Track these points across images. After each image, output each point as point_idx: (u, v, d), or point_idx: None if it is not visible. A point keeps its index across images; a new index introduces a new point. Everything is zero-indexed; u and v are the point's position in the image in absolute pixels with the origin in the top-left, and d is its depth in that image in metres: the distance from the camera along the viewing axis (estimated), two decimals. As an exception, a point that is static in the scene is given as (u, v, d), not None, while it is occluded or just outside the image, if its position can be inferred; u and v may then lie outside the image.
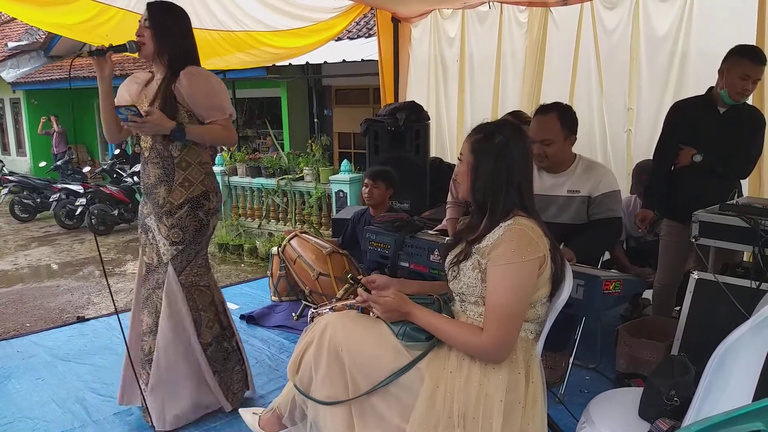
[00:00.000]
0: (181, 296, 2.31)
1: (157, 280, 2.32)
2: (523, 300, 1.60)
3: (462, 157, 1.75)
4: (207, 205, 2.32)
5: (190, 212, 2.27)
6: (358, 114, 8.49)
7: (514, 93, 4.47)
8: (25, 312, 5.73)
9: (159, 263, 2.31)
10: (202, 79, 2.24)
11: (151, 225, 2.33)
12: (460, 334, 1.62)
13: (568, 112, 2.67)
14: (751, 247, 2.22)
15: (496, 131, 1.70)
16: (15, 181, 10.45)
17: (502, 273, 1.58)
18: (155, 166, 2.28)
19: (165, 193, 2.26)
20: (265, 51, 4.50)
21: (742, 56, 2.67)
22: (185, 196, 2.26)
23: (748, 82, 2.68)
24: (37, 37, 14.95)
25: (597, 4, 3.95)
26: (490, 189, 1.67)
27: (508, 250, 1.58)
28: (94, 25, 3.49)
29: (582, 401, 2.08)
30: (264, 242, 7.89)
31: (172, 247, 2.27)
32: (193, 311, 2.34)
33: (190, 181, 2.27)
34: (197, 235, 2.31)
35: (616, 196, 2.68)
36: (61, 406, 2.61)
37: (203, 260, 2.38)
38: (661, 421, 1.58)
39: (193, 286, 2.33)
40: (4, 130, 17.16)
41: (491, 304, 1.59)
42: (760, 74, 2.72)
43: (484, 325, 1.60)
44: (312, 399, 1.72)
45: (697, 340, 2.23)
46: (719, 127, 2.79)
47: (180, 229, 2.27)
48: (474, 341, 1.59)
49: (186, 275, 2.31)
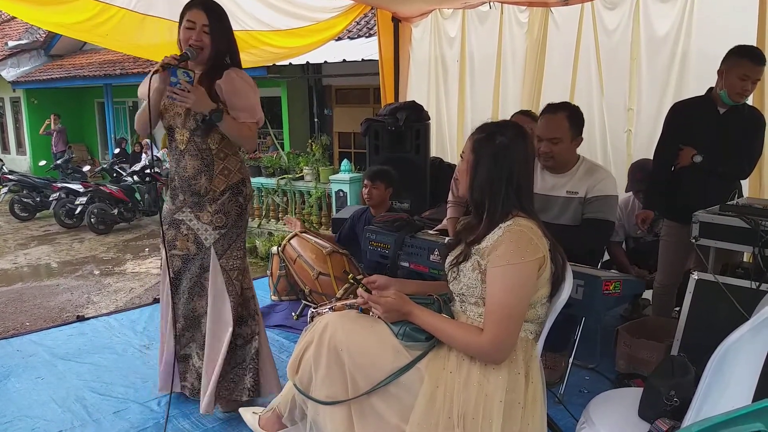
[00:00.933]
0: (221, 279, 2.40)
1: (202, 266, 2.41)
2: (522, 300, 1.60)
3: (464, 155, 1.77)
4: (245, 191, 2.44)
5: (231, 198, 2.39)
6: (358, 114, 8.50)
7: (514, 93, 4.47)
8: (25, 311, 5.74)
9: (199, 250, 2.40)
10: (244, 81, 2.31)
11: (183, 218, 2.40)
12: (460, 334, 1.62)
13: (576, 113, 2.67)
14: (751, 247, 2.22)
15: (498, 132, 1.70)
16: (15, 180, 10.46)
17: (501, 274, 1.58)
18: (194, 158, 2.34)
19: (206, 183, 2.35)
20: (266, 50, 4.49)
21: (742, 57, 2.67)
22: (226, 184, 2.37)
23: (748, 83, 2.68)
24: (38, 36, 14.96)
25: (597, 5, 3.95)
26: (488, 188, 1.67)
27: (507, 251, 1.58)
28: (94, 25, 3.48)
29: (582, 401, 2.09)
30: (264, 241, 7.90)
31: (215, 232, 2.37)
32: (230, 294, 2.40)
33: (228, 170, 2.38)
34: (238, 219, 2.43)
35: (611, 201, 2.66)
36: (61, 405, 2.61)
37: (242, 243, 2.47)
38: (660, 422, 1.58)
39: (234, 269, 2.42)
40: (4, 129, 17.17)
41: (491, 305, 1.60)
42: (760, 75, 2.72)
43: (484, 326, 1.60)
44: (312, 399, 1.72)
45: (697, 340, 2.23)
46: (719, 127, 2.79)
47: (223, 214, 2.37)
48: (474, 342, 1.59)
49: (226, 258, 2.40)
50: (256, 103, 2.36)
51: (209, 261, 2.39)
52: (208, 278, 2.40)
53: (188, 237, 2.40)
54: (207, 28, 2.23)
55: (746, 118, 2.80)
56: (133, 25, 3.49)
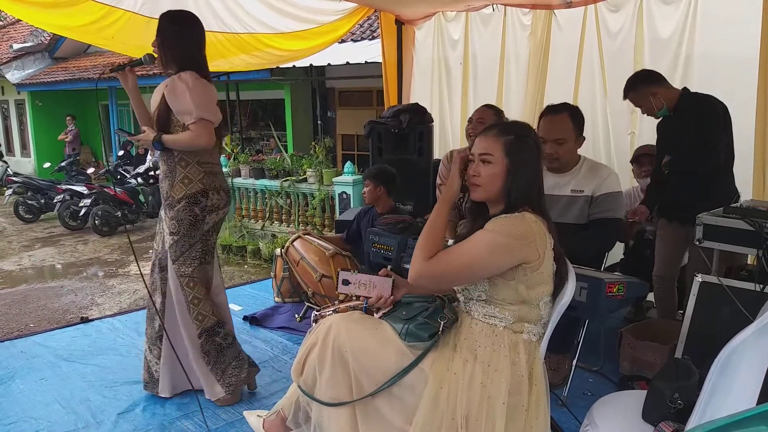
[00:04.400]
0: (175, 283, 2.49)
1: (161, 265, 2.53)
2: (478, 268, 1.60)
3: (491, 158, 1.67)
4: (204, 203, 2.45)
5: (186, 207, 2.43)
6: (361, 116, 8.51)
7: (517, 95, 4.47)
8: (29, 312, 5.75)
9: (162, 249, 2.52)
10: (177, 84, 2.36)
11: (162, 216, 2.54)
12: (420, 250, 1.66)
13: (577, 113, 2.69)
14: (755, 250, 2.21)
15: (526, 134, 1.71)
16: (19, 182, 10.48)
17: (481, 236, 1.61)
18: (163, 163, 2.48)
19: (168, 188, 2.45)
20: (269, 53, 4.51)
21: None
22: (184, 192, 2.42)
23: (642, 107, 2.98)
24: (42, 38, 15.01)
25: (601, 7, 3.95)
26: (526, 190, 1.67)
27: (500, 224, 1.61)
28: (99, 28, 3.49)
29: (585, 404, 2.08)
30: (267, 244, 7.91)
31: (170, 237, 2.46)
32: (185, 299, 2.50)
33: (189, 179, 2.43)
34: (191, 229, 2.45)
35: (618, 197, 2.68)
36: (65, 407, 2.62)
37: (198, 253, 2.50)
38: (664, 425, 1.58)
39: (184, 276, 2.49)
40: (8, 131, 17.21)
41: (452, 251, 1.65)
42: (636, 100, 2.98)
43: (433, 259, 1.63)
44: (316, 400, 1.72)
45: (701, 343, 2.22)
46: (673, 129, 2.92)
47: (176, 222, 2.43)
48: (416, 261, 1.65)
49: (179, 264, 2.47)
50: (195, 102, 2.34)
51: (167, 263, 2.51)
52: (166, 278, 2.52)
53: (161, 235, 2.54)
54: (158, 37, 2.40)
55: (685, 114, 2.86)
56: (139, 28, 3.50)
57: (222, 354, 2.55)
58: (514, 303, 1.64)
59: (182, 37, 2.42)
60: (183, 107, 2.36)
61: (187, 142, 2.38)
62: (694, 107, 2.84)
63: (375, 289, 1.80)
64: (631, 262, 3.49)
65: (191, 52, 2.43)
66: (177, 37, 2.40)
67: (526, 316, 1.65)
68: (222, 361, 2.55)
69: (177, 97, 2.35)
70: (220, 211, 2.52)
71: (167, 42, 2.39)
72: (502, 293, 1.63)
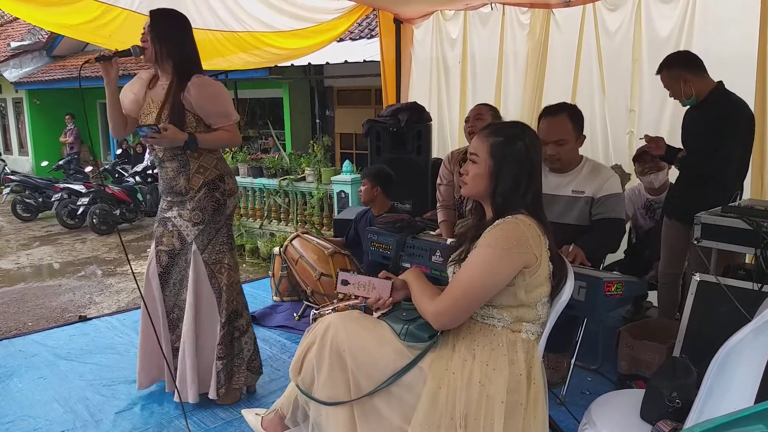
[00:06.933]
0: (204, 274, 2.49)
1: (186, 260, 2.52)
2: (487, 286, 1.60)
3: (476, 159, 1.70)
4: (222, 187, 2.51)
5: (207, 194, 2.47)
6: (359, 115, 8.50)
7: (516, 94, 4.47)
8: (27, 311, 5.74)
9: (182, 246, 2.51)
10: (209, 89, 2.42)
11: (170, 216, 2.52)
12: (422, 297, 1.69)
13: (576, 112, 2.68)
14: (753, 249, 2.22)
15: (516, 136, 1.68)
16: (17, 181, 10.46)
17: (478, 253, 1.61)
18: (172, 162, 2.47)
19: (185, 182, 2.46)
20: (268, 51, 4.50)
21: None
22: (202, 180, 2.46)
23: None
24: (40, 36, 14.97)
25: (599, 6, 3.95)
26: (510, 193, 1.66)
27: (493, 236, 1.60)
28: (97, 26, 3.49)
29: (583, 403, 2.09)
30: (266, 242, 7.90)
31: (195, 228, 2.48)
32: (214, 287, 2.50)
33: (204, 167, 2.47)
34: (215, 215, 2.49)
35: (619, 198, 2.69)
36: (63, 406, 2.62)
37: (224, 238, 2.54)
38: (662, 423, 1.58)
39: (216, 263, 2.50)
40: (6, 129, 17.17)
41: (456, 279, 1.64)
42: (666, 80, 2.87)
43: (442, 294, 1.64)
44: (314, 399, 1.72)
45: (699, 342, 2.23)
46: (694, 122, 2.86)
47: (200, 211, 2.47)
48: (426, 306, 1.66)
49: (208, 253, 2.49)
50: (228, 106, 2.47)
51: (191, 257, 2.50)
52: (189, 274, 2.50)
53: (173, 233, 2.51)
54: (150, 32, 2.38)
55: (705, 116, 2.76)
56: (137, 26, 3.47)
57: (232, 346, 2.54)
58: (512, 306, 1.64)
59: (182, 36, 2.43)
60: (221, 110, 2.43)
61: (226, 143, 2.52)
62: (719, 107, 2.73)
63: (374, 291, 1.79)
64: (630, 261, 3.49)
65: (189, 50, 2.44)
66: (176, 35, 2.41)
67: (524, 316, 1.66)
68: (230, 354, 2.53)
69: (213, 101, 2.41)
70: (234, 195, 2.58)
71: (163, 38, 2.38)
72: (501, 298, 1.64)
